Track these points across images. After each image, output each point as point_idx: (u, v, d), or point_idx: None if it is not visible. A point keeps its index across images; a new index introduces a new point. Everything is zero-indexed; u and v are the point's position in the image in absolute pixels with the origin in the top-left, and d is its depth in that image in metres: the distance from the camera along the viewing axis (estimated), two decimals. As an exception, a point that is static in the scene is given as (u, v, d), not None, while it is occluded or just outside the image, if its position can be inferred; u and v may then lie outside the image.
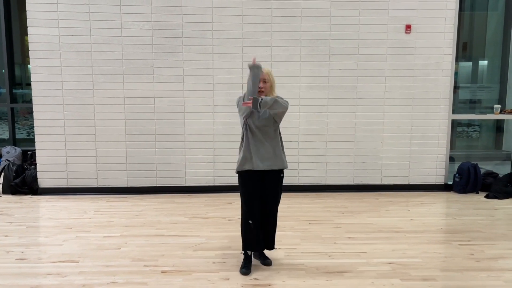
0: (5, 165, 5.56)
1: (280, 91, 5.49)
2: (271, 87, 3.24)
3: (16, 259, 3.44)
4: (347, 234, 4.08)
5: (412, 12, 5.53)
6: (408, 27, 5.54)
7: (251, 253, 3.33)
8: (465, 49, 8.16)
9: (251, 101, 3.00)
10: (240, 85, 5.49)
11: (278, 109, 3.10)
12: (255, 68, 3.04)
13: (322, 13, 5.47)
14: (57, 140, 5.45)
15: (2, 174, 5.57)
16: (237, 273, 3.20)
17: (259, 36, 5.46)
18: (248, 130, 3.21)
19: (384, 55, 5.58)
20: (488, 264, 3.40)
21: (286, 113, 3.23)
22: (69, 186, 5.52)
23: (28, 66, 8.37)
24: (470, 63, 8.05)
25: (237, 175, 3.34)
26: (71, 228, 4.21)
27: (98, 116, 5.45)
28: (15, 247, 3.70)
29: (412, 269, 3.30)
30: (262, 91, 3.18)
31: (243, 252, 3.30)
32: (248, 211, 3.23)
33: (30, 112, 8.71)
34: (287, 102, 3.18)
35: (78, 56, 5.34)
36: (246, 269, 3.21)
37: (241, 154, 3.25)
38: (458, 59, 7.69)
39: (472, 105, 7.72)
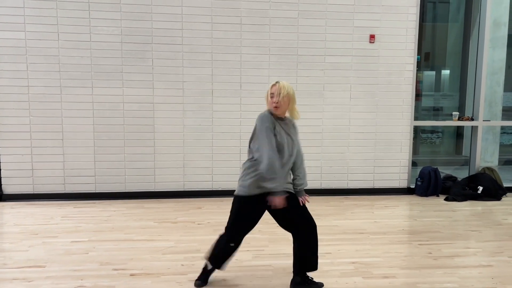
0: (-32, 171, 5.42)
1: (249, 98, 5.63)
2: (290, 103, 2.91)
3: (-20, 265, 3.39)
4: (314, 236, 4.20)
5: (376, 22, 5.77)
6: (372, 37, 5.77)
7: (210, 268, 3.09)
8: (427, 59, 8.52)
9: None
10: (210, 91, 5.57)
11: None
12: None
13: (290, 22, 5.63)
14: (23, 145, 5.36)
15: (-36, 180, 5.42)
16: (206, 274, 3.26)
17: (228, 43, 5.56)
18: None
19: (349, 63, 5.79)
20: (444, 262, 3.59)
21: (255, 120, 2.90)
22: (35, 192, 5.43)
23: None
24: (434, 72, 8.43)
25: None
26: (37, 234, 4.15)
27: (66, 121, 5.40)
28: (-21, 253, 3.63)
29: (374, 268, 3.44)
30: (278, 107, 2.87)
31: (207, 263, 3.08)
32: (234, 235, 3.00)
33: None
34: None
35: (45, 60, 5.29)
36: (200, 281, 3.06)
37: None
38: (421, 68, 8.04)
39: (435, 112, 8.07)
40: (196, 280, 3.09)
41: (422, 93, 7.86)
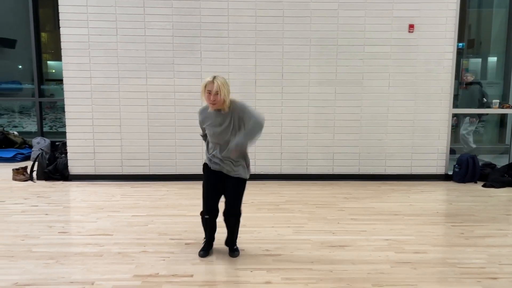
0: (39, 154, 6.09)
1: (290, 87, 5.94)
2: (226, 99, 3.36)
3: (59, 232, 3.95)
4: (350, 216, 4.51)
5: (415, 12, 5.89)
6: (411, 26, 5.90)
7: (211, 240, 3.53)
8: (472, 46, 8.45)
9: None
10: (254, 80, 5.93)
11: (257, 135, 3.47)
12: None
13: (330, 13, 5.87)
14: (86, 131, 5.95)
15: (36, 162, 6.09)
16: (250, 245, 3.65)
17: (271, 35, 5.88)
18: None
19: (388, 53, 5.96)
20: (475, 241, 3.80)
21: (295, 107, 3.42)
22: (97, 173, 6.02)
23: (47, 62, 8.95)
24: (480, 60, 8.35)
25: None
26: (102, 209, 4.70)
27: (123, 109, 5.94)
28: (56, 223, 4.20)
29: (406, 244, 3.71)
30: (215, 103, 3.29)
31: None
32: (204, 206, 3.43)
33: (51, 107, 9.30)
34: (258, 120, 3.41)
35: (105, 54, 5.83)
36: (203, 251, 3.47)
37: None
38: (463, 55, 8.01)
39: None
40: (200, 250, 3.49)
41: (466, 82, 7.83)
